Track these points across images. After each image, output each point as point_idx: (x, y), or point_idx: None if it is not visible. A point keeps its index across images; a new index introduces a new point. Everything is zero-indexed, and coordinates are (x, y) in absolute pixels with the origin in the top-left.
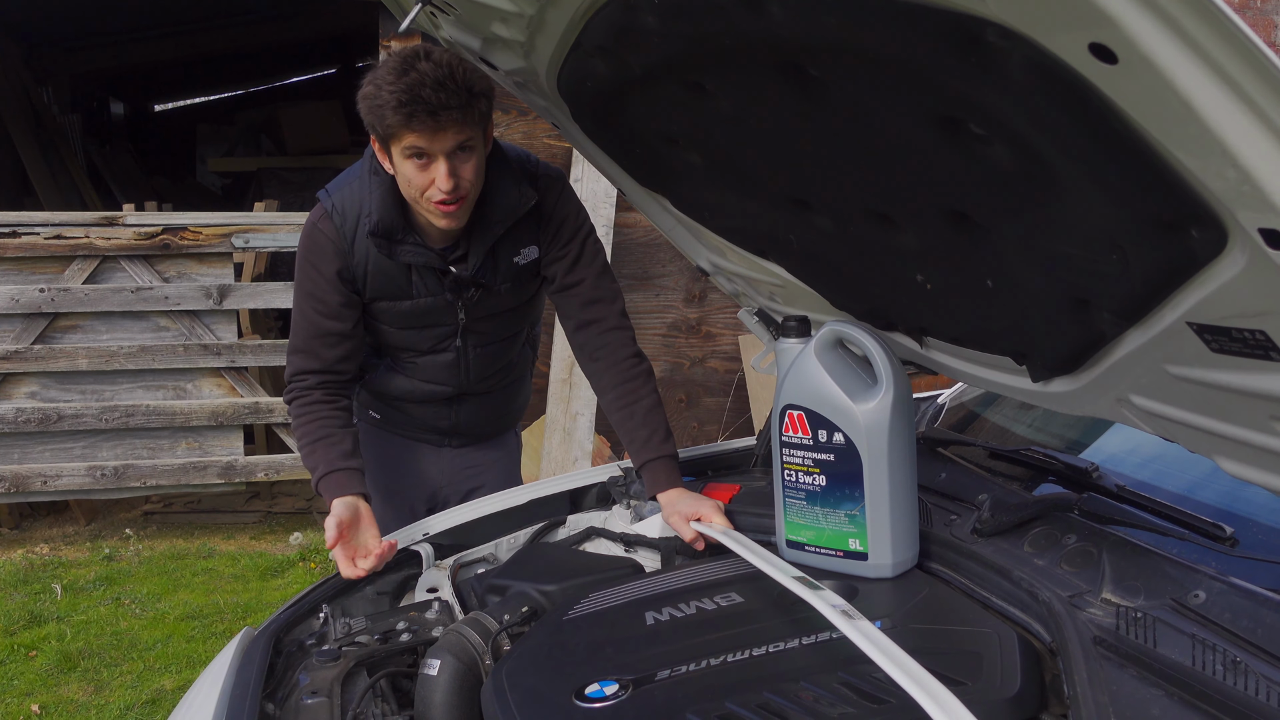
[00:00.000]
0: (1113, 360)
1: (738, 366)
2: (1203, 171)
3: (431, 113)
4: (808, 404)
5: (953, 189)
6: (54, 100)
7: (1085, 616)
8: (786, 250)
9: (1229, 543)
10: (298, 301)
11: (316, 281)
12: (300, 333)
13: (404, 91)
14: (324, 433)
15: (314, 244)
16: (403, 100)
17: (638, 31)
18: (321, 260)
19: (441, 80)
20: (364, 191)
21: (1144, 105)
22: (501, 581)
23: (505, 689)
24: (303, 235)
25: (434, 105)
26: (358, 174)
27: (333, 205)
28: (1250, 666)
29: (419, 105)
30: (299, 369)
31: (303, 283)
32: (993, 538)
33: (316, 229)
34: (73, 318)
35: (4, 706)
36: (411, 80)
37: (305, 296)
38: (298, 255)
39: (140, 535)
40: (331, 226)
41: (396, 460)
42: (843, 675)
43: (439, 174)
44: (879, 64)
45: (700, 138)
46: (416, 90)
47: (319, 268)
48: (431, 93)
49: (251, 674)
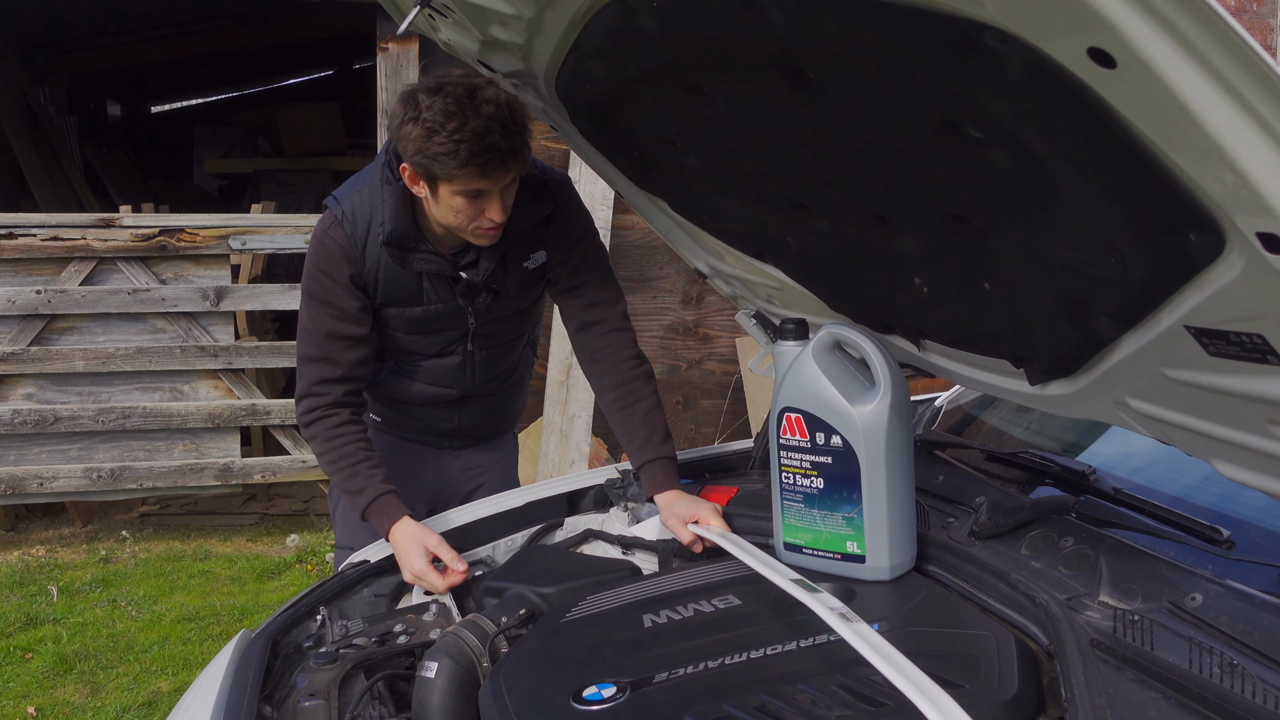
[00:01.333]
0: (1110, 363)
1: (735, 369)
2: (1200, 175)
3: (503, 159)
4: (805, 406)
5: (951, 192)
6: (51, 102)
7: (1083, 619)
8: (784, 253)
9: (1226, 546)
10: (309, 311)
11: (331, 289)
12: (314, 341)
13: (474, 140)
14: (362, 455)
15: (325, 251)
16: (475, 151)
17: (636, 34)
18: (334, 267)
19: (507, 124)
20: (375, 200)
21: (1142, 109)
22: (499, 584)
23: (503, 691)
24: (312, 243)
25: (504, 151)
26: (366, 181)
27: (343, 213)
28: (1247, 669)
29: (492, 154)
30: (318, 378)
31: (315, 291)
32: (990, 540)
33: (327, 235)
34: (69, 319)
35: (0, 708)
36: (479, 128)
37: (319, 304)
38: (307, 264)
39: (137, 537)
40: (342, 234)
41: (397, 463)
42: (840, 678)
43: (493, 208)
44: (877, 68)
45: (698, 140)
46: (486, 138)
47: (332, 275)
48: (500, 139)
49: (249, 676)
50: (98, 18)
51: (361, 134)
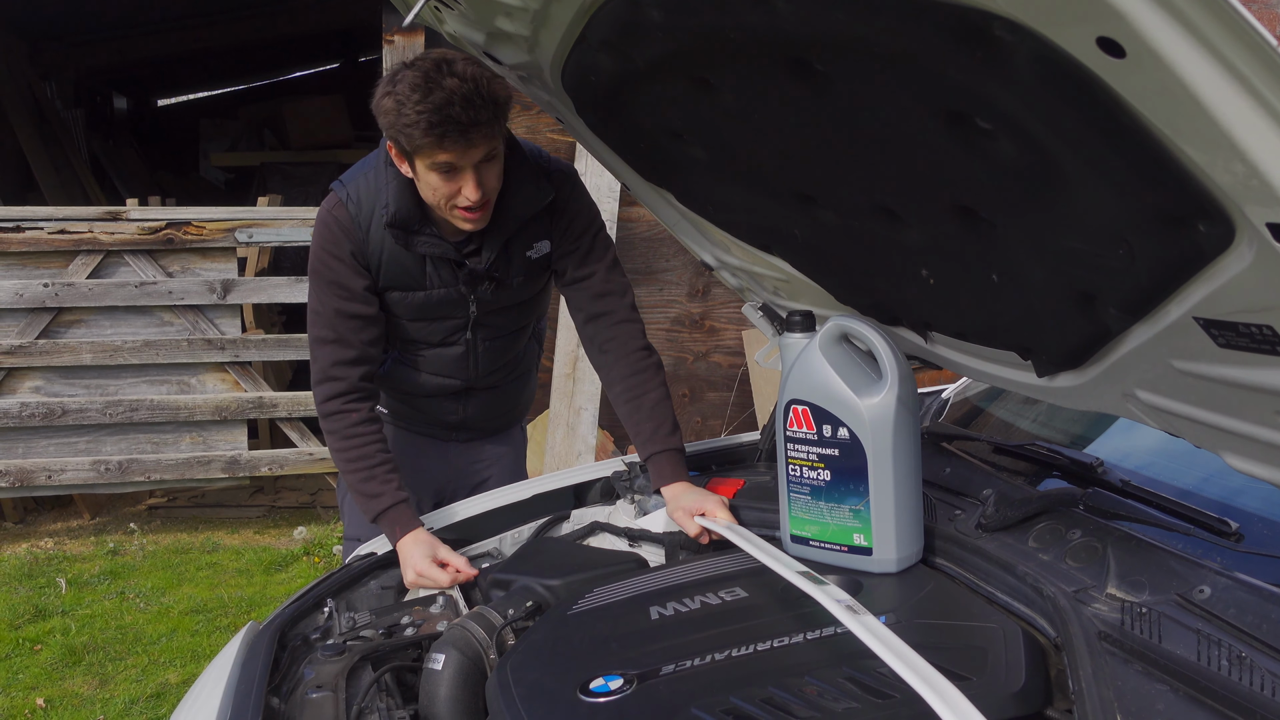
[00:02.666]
0: (1118, 355)
1: (741, 361)
2: (1210, 166)
3: (463, 131)
4: (812, 399)
5: (958, 184)
6: (58, 95)
7: (1090, 611)
8: (791, 245)
9: (1234, 538)
10: (318, 294)
11: (336, 269)
12: (325, 323)
13: (434, 111)
14: (380, 459)
15: (329, 232)
16: (433, 121)
17: (642, 26)
18: (338, 247)
19: (469, 96)
20: (380, 183)
21: (1151, 99)
22: (506, 576)
23: (510, 683)
24: (317, 225)
25: (464, 124)
26: (372, 165)
27: (347, 194)
28: (1255, 662)
29: (450, 125)
30: (334, 360)
31: (321, 272)
32: (997, 533)
33: (331, 216)
34: (77, 312)
35: (9, 700)
36: (439, 99)
37: (327, 285)
38: (312, 247)
39: (145, 530)
40: (346, 214)
41: (403, 456)
42: (847, 670)
43: (467, 185)
44: (885, 58)
45: (705, 132)
46: (446, 109)
47: (337, 254)
48: (461, 110)
49: (256, 668)
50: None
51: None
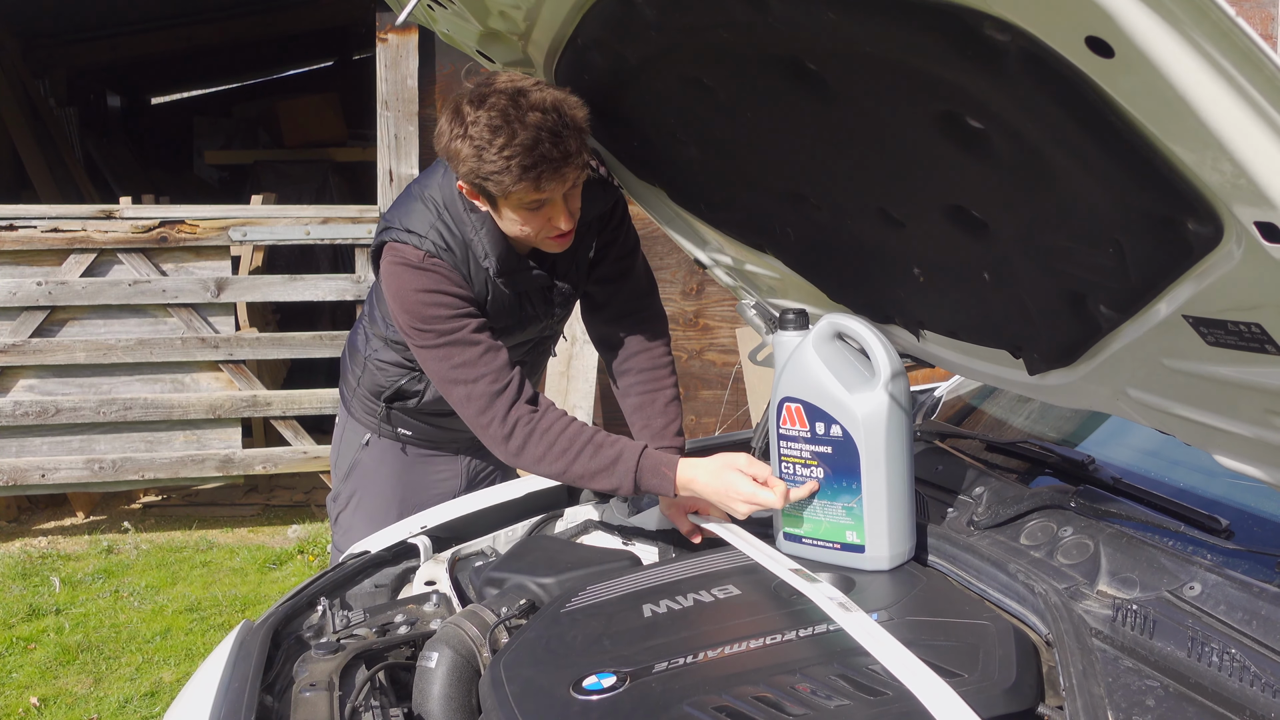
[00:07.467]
0: (1109, 353)
1: (735, 359)
2: (1199, 165)
3: (556, 169)
4: (805, 397)
5: (950, 183)
6: (51, 93)
7: (1081, 608)
8: (784, 244)
9: (1225, 535)
10: (440, 348)
11: (456, 305)
12: (466, 359)
13: (524, 154)
14: (589, 430)
15: (435, 277)
16: (526, 165)
17: (635, 24)
18: (450, 286)
19: (556, 129)
20: (468, 232)
21: (1140, 99)
22: (499, 574)
23: (503, 681)
24: (409, 278)
25: (557, 160)
26: (443, 206)
27: (433, 244)
28: (1245, 659)
29: (545, 165)
30: (497, 390)
31: (438, 316)
32: (989, 530)
33: (429, 262)
34: (70, 311)
35: (3, 699)
36: (528, 140)
37: (447, 320)
38: (411, 304)
39: (139, 528)
40: (445, 265)
41: (415, 473)
42: (839, 667)
43: (559, 216)
44: (876, 58)
45: (697, 131)
46: (536, 149)
47: (453, 293)
48: (551, 147)
49: (250, 666)
50: (98, 9)
51: (361, 125)
